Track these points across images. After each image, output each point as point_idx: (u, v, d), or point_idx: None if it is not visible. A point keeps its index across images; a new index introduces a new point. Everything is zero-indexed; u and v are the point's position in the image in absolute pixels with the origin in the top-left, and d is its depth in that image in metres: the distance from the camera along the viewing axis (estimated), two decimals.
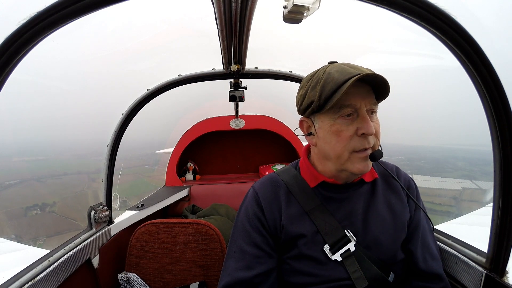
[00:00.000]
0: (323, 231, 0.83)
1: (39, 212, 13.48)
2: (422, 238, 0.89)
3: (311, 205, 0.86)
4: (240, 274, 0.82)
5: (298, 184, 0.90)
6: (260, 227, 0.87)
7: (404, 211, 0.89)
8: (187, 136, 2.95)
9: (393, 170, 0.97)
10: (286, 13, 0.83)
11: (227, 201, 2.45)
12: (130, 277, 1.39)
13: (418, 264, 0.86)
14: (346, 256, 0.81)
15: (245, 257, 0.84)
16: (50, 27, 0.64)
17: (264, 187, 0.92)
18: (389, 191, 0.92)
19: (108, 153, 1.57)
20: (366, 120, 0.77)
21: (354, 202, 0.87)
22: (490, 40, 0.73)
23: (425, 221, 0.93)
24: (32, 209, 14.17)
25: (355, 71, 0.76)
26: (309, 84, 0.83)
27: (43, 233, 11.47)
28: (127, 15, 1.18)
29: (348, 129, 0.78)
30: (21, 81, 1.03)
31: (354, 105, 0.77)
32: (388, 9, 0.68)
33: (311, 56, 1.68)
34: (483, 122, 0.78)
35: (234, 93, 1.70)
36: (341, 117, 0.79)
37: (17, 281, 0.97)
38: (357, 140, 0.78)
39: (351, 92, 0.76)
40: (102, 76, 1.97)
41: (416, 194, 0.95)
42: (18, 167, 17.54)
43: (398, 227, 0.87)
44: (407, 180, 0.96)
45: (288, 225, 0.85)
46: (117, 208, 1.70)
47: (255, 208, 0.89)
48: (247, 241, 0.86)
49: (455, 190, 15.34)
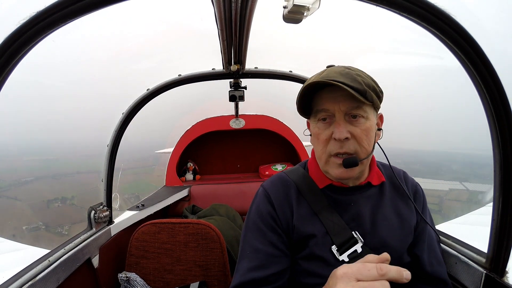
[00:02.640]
0: (331, 231, 0.83)
1: (60, 204, 15.67)
2: (428, 243, 0.89)
3: (320, 206, 0.86)
4: (254, 274, 0.80)
5: (307, 184, 0.90)
6: (274, 225, 0.86)
7: (411, 215, 0.89)
8: (187, 136, 2.94)
9: (401, 175, 0.97)
10: (286, 13, 0.83)
11: (227, 201, 2.45)
12: (130, 277, 1.39)
13: (425, 268, 0.86)
14: (353, 257, 0.80)
15: (259, 256, 0.83)
16: (50, 27, 0.64)
17: (274, 187, 0.92)
18: (396, 195, 0.92)
19: (108, 153, 1.56)
20: (337, 125, 0.78)
21: (361, 205, 0.87)
22: (490, 40, 0.73)
23: (432, 230, 0.93)
24: (54, 202, 16.44)
25: (318, 78, 0.77)
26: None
27: (68, 221, 12.90)
28: (127, 15, 1.18)
29: (324, 133, 0.81)
30: (21, 81, 1.03)
31: (327, 110, 0.79)
32: (388, 9, 0.68)
33: (311, 56, 1.68)
34: (481, 127, 0.78)
35: (234, 93, 1.70)
36: (319, 121, 0.82)
37: (17, 281, 0.97)
38: (332, 144, 0.80)
39: (324, 96, 0.79)
40: (102, 76, 1.97)
41: (423, 199, 0.95)
42: (30, 166, 19.07)
43: (405, 231, 0.87)
44: (414, 185, 0.96)
45: (299, 225, 0.84)
46: (117, 208, 1.70)
47: (268, 207, 0.88)
48: (261, 240, 0.84)
49: (441, 191, 16.75)
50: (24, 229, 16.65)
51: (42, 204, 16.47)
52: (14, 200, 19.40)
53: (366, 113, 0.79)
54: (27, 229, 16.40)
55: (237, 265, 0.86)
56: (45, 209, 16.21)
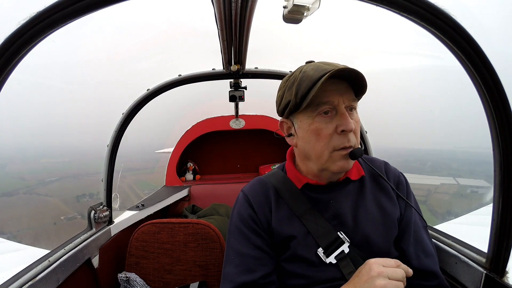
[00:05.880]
0: (315, 234, 0.81)
1: (89, 199, 17.89)
2: (414, 235, 0.87)
3: (302, 209, 0.85)
4: (243, 278, 0.79)
5: (286, 187, 0.89)
6: (256, 228, 0.85)
7: (394, 208, 0.87)
8: (187, 136, 2.95)
9: (382, 167, 0.94)
10: (286, 13, 0.83)
11: (227, 201, 2.45)
12: (130, 277, 1.39)
13: (411, 262, 0.84)
14: (341, 258, 0.80)
15: (245, 260, 0.82)
16: (50, 27, 0.64)
17: (254, 190, 0.91)
18: (377, 189, 0.90)
19: (108, 153, 1.56)
20: (345, 117, 0.76)
21: (341, 202, 0.85)
22: (490, 40, 0.73)
23: (418, 217, 0.90)
24: (82, 197, 19.87)
25: (330, 67, 0.75)
26: (286, 84, 0.83)
27: None
28: (127, 16, 1.18)
29: (327, 127, 0.77)
30: (22, 81, 1.04)
31: (331, 102, 0.77)
32: (388, 9, 0.68)
33: (311, 56, 1.67)
34: (482, 126, 0.78)
35: (234, 93, 1.70)
36: (319, 115, 0.78)
37: (17, 281, 0.97)
38: (337, 138, 0.77)
39: (328, 89, 0.76)
40: (102, 76, 1.98)
41: (406, 189, 0.92)
42: (49, 168, 22.93)
43: (388, 225, 0.84)
44: (396, 175, 0.93)
45: (278, 227, 0.84)
46: (117, 208, 1.70)
47: (249, 210, 0.87)
48: (245, 243, 0.84)
49: (432, 185, 18.22)
50: (62, 218, 20.08)
51: (72, 199, 19.78)
52: (45, 196, 23.24)
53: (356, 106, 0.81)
54: (65, 219, 19.75)
55: (223, 271, 0.85)
56: (75, 202, 19.25)
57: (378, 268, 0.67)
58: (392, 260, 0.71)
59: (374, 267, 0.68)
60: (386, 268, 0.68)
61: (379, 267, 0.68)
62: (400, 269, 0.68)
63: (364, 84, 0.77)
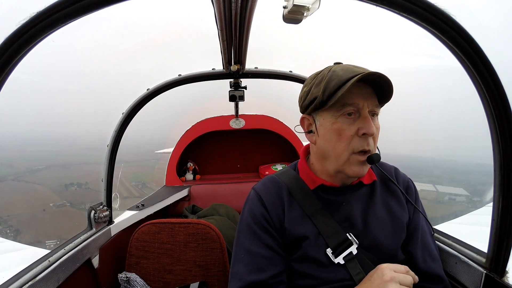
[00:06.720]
0: (325, 234, 0.82)
1: (77, 188, 18.69)
2: (421, 239, 0.89)
3: (313, 209, 0.85)
4: (253, 277, 0.79)
5: (298, 187, 0.90)
6: (268, 227, 0.85)
7: (403, 212, 0.89)
8: (187, 136, 2.94)
9: (392, 171, 0.96)
10: (286, 13, 0.83)
11: (227, 201, 2.45)
12: (130, 277, 1.39)
13: (418, 265, 0.86)
14: (349, 259, 0.80)
15: (255, 259, 0.81)
16: (50, 27, 0.64)
17: (266, 189, 0.91)
18: (387, 193, 0.92)
19: (108, 153, 1.56)
20: (368, 120, 0.77)
21: (353, 205, 0.86)
22: (490, 40, 0.73)
23: (425, 223, 0.92)
24: (70, 186, 19.86)
25: (360, 70, 0.77)
26: (314, 81, 0.83)
27: (88, 201, 15.90)
28: (127, 15, 1.18)
29: (349, 129, 0.78)
30: (22, 81, 1.04)
31: (356, 104, 0.77)
32: (388, 9, 0.68)
33: (311, 56, 1.68)
34: (469, 137, 0.78)
35: (234, 92, 1.70)
36: (343, 115, 0.78)
37: (17, 281, 0.97)
38: (357, 140, 0.78)
39: (354, 91, 0.76)
40: (102, 76, 1.98)
41: (415, 195, 0.94)
42: (37, 156, 23.16)
43: (397, 228, 0.86)
44: (406, 181, 0.96)
45: (290, 227, 0.84)
46: (117, 208, 1.70)
47: (261, 209, 0.87)
48: (255, 242, 0.83)
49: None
50: (51, 205, 20.04)
51: (60, 187, 19.80)
52: (33, 184, 23.28)
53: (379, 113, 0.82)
54: (54, 206, 19.70)
55: (231, 270, 0.84)
56: (64, 191, 19.40)
57: (390, 273, 0.69)
58: (402, 266, 0.73)
59: (386, 272, 0.70)
60: (397, 274, 0.70)
61: (391, 272, 0.70)
62: (409, 276, 0.71)
63: (391, 90, 0.78)
